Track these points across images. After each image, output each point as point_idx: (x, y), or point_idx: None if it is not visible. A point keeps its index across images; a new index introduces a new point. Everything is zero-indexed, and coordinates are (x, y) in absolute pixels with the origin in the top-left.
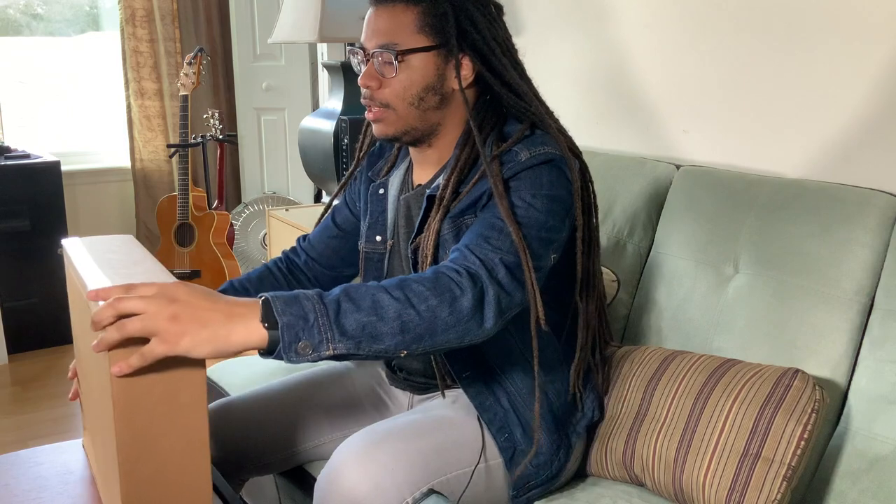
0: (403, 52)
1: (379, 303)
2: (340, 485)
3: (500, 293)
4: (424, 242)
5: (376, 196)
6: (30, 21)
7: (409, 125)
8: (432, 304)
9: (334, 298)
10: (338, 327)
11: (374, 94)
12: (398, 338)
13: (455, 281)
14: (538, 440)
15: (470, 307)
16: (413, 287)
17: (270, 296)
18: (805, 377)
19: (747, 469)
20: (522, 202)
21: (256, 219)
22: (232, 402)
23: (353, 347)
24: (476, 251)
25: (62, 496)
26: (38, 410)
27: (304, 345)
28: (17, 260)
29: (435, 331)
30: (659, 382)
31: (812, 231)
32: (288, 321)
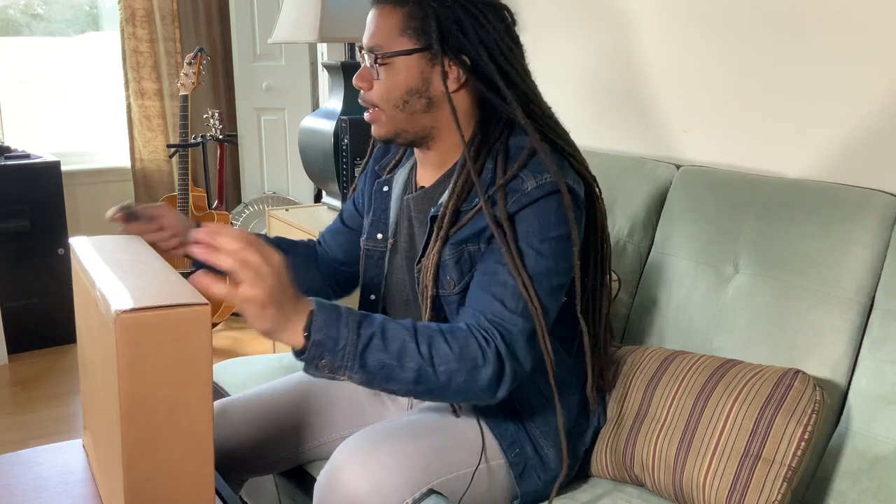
0: (385, 54)
1: (405, 351)
2: (341, 485)
3: (517, 367)
4: (425, 271)
5: (380, 193)
6: (30, 21)
7: (400, 127)
8: (452, 368)
9: (369, 333)
10: (360, 360)
11: (364, 95)
12: (410, 386)
13: (482, 350)
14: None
15: (488, 379)
16: (441, 348)
17: (316, 308)
18: (805, 378)
19: (747, 470)
20: (531, 250)
21: (256, 219)
22: (232, 402)
23: (366, 381)
24: (497, 324)
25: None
26: (38, 410)
27: (325, 363)
28: (17, 260)
29: (446, 391)
30: (659, 383)
31: (812, 231)
32: (319, 339)
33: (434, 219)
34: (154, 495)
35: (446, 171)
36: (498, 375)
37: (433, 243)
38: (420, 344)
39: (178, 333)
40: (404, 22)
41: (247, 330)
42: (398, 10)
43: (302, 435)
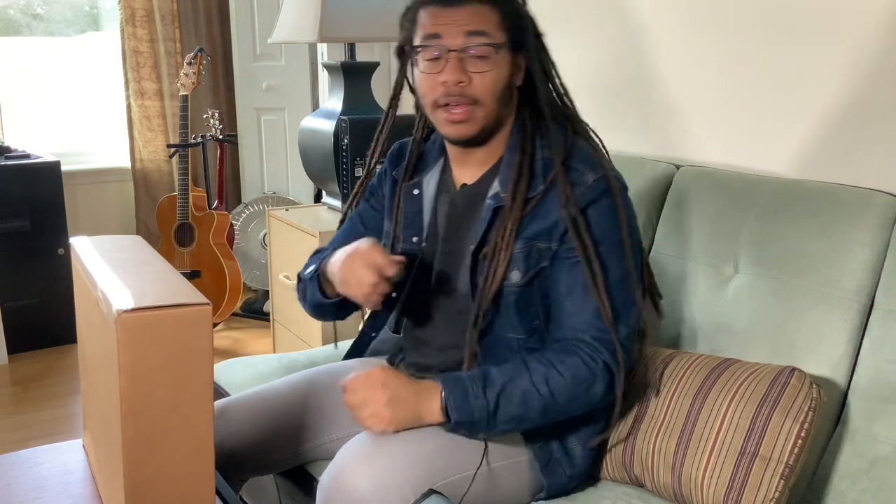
0: (499, 45)
1: (528, 397)
2: (344, 485)
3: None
4: (495, 259)
5: (410, 196)
6: (30, 21)
7: (489, 122)
8: (570, 395)
9: (495, 395)
10: (494, 421)
11: (466, 90)
12: (538, 421)
13: (592, 370)
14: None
15: (601, 392)
16: (556, 382)
17: (445, 390)
18: (801, 376)
19: (745, 468)
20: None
21: (256, 219)
22: (232, 401)
23: (499, 433)
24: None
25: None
26: (38, 410)
27: (464, 432)
28: (17, 260)
29: (569, 411)
30: (658, 382)
31: (812, 231)
32: (458, 419)
33: (497, 210)
34: (154, 495)
35: (490, 168)
36: (609, 384)
37: (505, 235)
38: (538, 385)
39: (179, 333)
40: (503, 18)
41: (247, 330)
42: (492, 6)
43: (303, 435)
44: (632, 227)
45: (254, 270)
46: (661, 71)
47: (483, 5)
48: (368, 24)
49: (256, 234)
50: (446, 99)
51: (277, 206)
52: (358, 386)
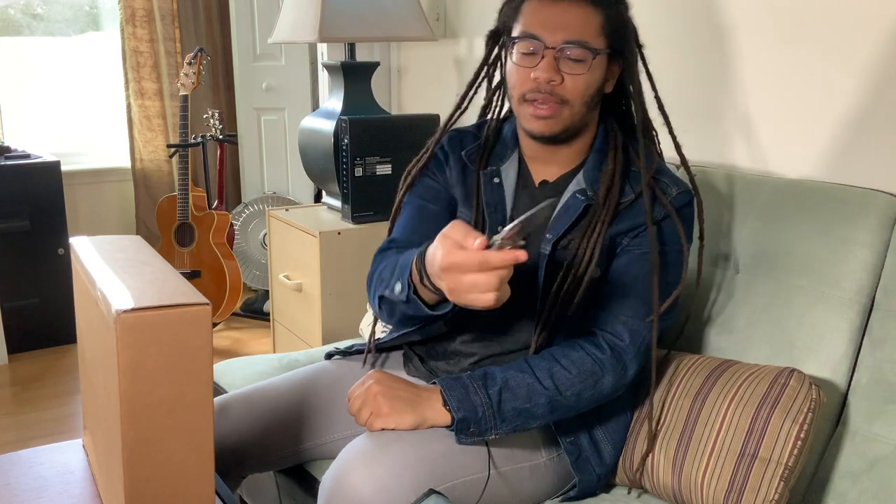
0: (597, 52)
1: (533, 391)
2: (347, 486)
3: (639, 361)
4: (583, 249)
5: (491, 185)
6: (30, 21)
7: (575, 123)
8: (577, 390)
9: (497, 390)
10: (500, 416)
11: (556, 89)
12: (548, 417)
13: (598, 362)
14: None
15: (611, 385)
16: (560, 375)
17: (443, 388)
18: (801, 377)
19: (744, 469)
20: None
21: (256, 219)
22: (233, 397)
23: (510, 430)
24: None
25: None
26: (38, 410)
27: (473, 430)
28: (17, 260)
29: (580, 407)
30: (658, 384)
31: (812, 231)
32: (462, 416)
33: (588, 207)
34: (154, 495)
35: (572, 169)
36: (620, 376)
37: (594, 234)
38: (542, 380)
39: (179, 333)
40: (606, 23)
41: (247, 330)
42: (598, 10)
43: (303, 433)
44: (690, 243)
45: (254, 270)
46: (661, 71)
47: (588, 6)
48: (368, 24)
49: (256, 234)
50: (535, 95)
51: (277, 206)
52: (356, 391)
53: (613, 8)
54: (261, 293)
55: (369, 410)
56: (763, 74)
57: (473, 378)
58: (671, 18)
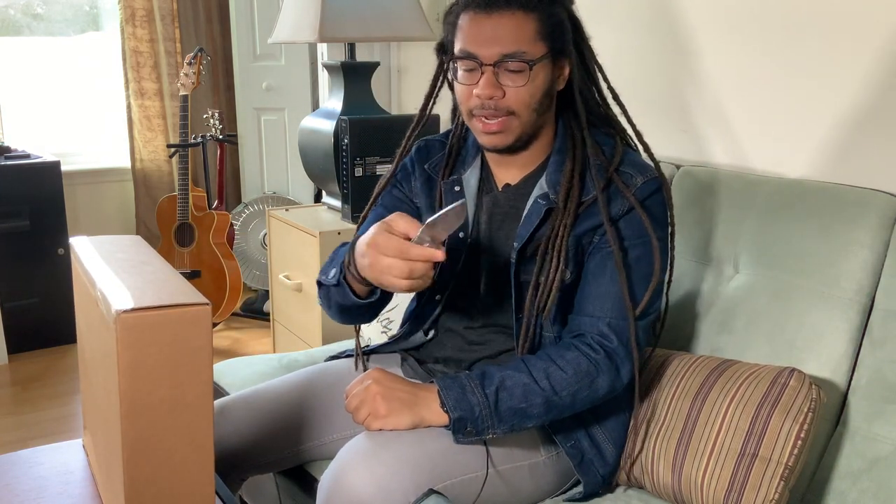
0: (534, 60)
1: (529, 391)
2: (345, 485)
3: (632, 360)
4: (551, 253)
5: (452, 193)
6: (30, 21)
7: (528, 130)
8: (573, 390)
9: (493, 389)
10: (497, 416)
11: (499, 104)
12: (542, 417)
13: (593, 362)
14: None
15: (606, 385)
16: (556, 376)
17: (440, 387)
18: (801, 376)
19: (745, 469)
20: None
21: (256, 219)
22: (232, 400)
23: (507, 430)
24: (616, 329)
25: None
26: (38, 410)
27: (470, 430)
28: (17, 260)
29: (574, 407)
30: (658, 384)
31: (812, 231)
32: (459, 415)
33: (550, 211)
34: (154, 495)
35: (534, 170)
36: (615, 376)
37: (558, 238)
38: (539, 381)
39: (179, 333)
40: (541, 27)
41: (247, 330)
42: (531, 14)
43: (303, 434)
44: (668, 230)
45: (254, 270)
46: (661, 71)
47: (521, 13)
48: (368, 24)
49: (256, 234)
50: (481, 111)
51: (277, 206)
52: (354, 389)
53: (548, 9)
54: (261, 293)
55: (367, 411)
56: (763, 75)
57: (471, 377)
58: (675, 18)
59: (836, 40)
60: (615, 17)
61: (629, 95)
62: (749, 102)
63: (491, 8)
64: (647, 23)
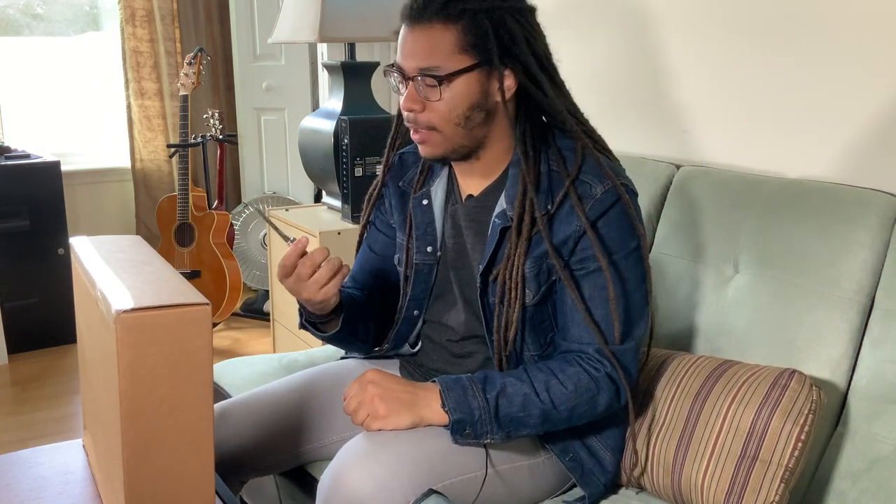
0: (448, 76)
1: (528, 402)
2: (344, 485)
3: (629, 378)
4: (509, 282)
5: (420, 207)
6: (30, 21)
7: (457, 144)
8: (571, 405)
9: (495, 395)
10: (496, 422)
11: (419, 118)
12: (539, 428)
13: (594, 380)
14: None
15: (606, 402)
16: (556, 391)
17: (442, 387)
18: (802, 378)
19: (745, 471)
20: (622, 264)
21: (256, 219)
22: (232, 403)
23: (504, 437)
24: (603, 352)
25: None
26: (38, 410)
27: (468, 433)
28: (17, 260)
29: (571, 421)
30: (658, 384)
31: (812, 231)
32: (458, 417)
33: (505, 230)
34: (154, 495)
35: (496, 179)
36: (614, 395)
37: (514, 256)
38: (539, 392)
39: (179, 333)
40: (461, 38)
41: (247, 330)
42: (451, 26)
43: (303, 436)
44: (639, 239)
45: (254, 270)
46: (662, 71)
47: (440, 26)
48: (368, 24)
49: (256, 234)
50: (408, 123)
51: (277, 206)
52: (352, 391)
53: (471, 21)
54: (261, 293)
55: (366, 412)
56: (763, 74)
57: (473, 381)
58: (676, 18)
59: (836, 40)
60: (615, 16)
61: (629, 95)
62: (749, 102)
63: (413, 21)
64: (647, 23)
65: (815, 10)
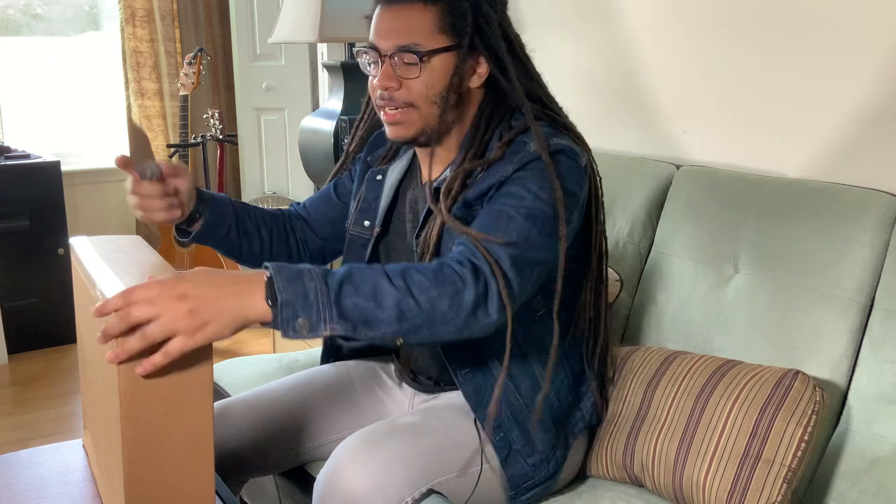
0: (427, 53)
1: (379, 289)
2: (340, 484)
3: (505, 287)
4: (428, 233)
5: (373, 182)
6: (30, 21)
7: (428, 125)
8: (433, 295)
9: (337, 280)
10: (337, 308)
11: (395, 95)
12: (394, 326)
13: (458, 273)
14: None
15: (472, 301)
16: (415, 276)
17: (274, 270)
18: (805, 378)
19: (747, 471)
20: (529, 193)
21: None
22: (232, 402)
23: (350, 330)
24: (481, 243)
25: (62, 496)
26: (38, 410)
27: (302, 322)
28: (17, 260)
29: (433, 322)
30: (659, 383)
31: (812, 231)
32: (287, 298)
33: (437, 190)
34: (154, 496)
35: (450, 164)
36: (482, 295)
37: (439, 207)
38: (393, 279)
39: None
40: (441, 18)
41: (247, 330)
42: (430, 7)
43: (302, 435)
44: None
45: None
46: (661, 71)
47: (420, 5)
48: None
49: None
50: (381, 102)
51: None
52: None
53: (451, 2)
54: None
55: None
56: (763, 74)
57: (312, 267)
58: (677, 17)
59: (836, 40)
60: (615, 16)
61: (629, 95)
62: (749, 102)
63: (391, 1)
64: (647, 22)
65: (815, 9)
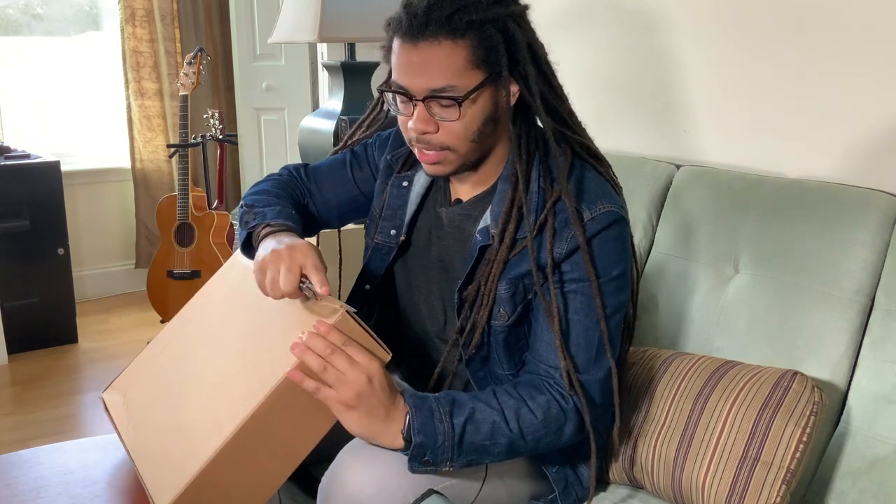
0: (465, 95)
1: (497, 430)
2: (345, 485)
3: (594, 410)
4: (477, 303)
5: (399, 189)
6: (30, 21)
7: (467, 160)
8: (539, 434)
9: (462, 422)
10: (459, 450)
11: (433, 139)
12: (504, 457)
13: (563, 410)
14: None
15: (571, 433)
16: (527, 419)
17: (413, 410)
18: (804, 379)
19: (746, 472)
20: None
21: None
22: None
23: (464, 464)
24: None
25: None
26: (38, 410)
27: (427, 460)
28: (17, 260)
29: (536, 449)
30: (658, 384)
31: (812, 231)
32: (420, 441)
33: (484, 249)
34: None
35: (487, 189)
36: (579, 426)
37: (488, 279)
38: (509, 421)
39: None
40: (473, 53)
41: None
42: (460, 42)
43: None
44: (623, 268)
45: None
46: (662, 71)
47: (448, 42)
48: (368, 24)
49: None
50: (417, 145)
51: None
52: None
53: (479, 34)
54: None
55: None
56: (763, 74)
57: (440, 402)
58: (677, 18)
59: (837, 40)
60: (614, 16)
61: (629, 96)
62: (749, 102)
63: (416, 37)
64: (648, 23)
65: (815, 10)
